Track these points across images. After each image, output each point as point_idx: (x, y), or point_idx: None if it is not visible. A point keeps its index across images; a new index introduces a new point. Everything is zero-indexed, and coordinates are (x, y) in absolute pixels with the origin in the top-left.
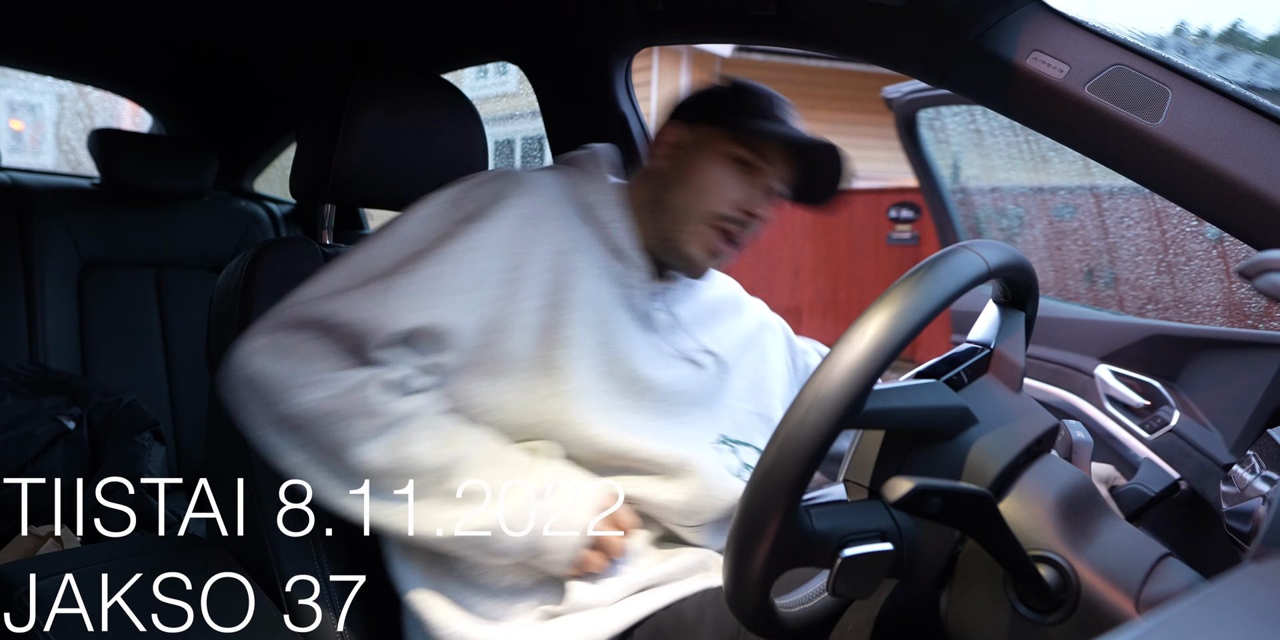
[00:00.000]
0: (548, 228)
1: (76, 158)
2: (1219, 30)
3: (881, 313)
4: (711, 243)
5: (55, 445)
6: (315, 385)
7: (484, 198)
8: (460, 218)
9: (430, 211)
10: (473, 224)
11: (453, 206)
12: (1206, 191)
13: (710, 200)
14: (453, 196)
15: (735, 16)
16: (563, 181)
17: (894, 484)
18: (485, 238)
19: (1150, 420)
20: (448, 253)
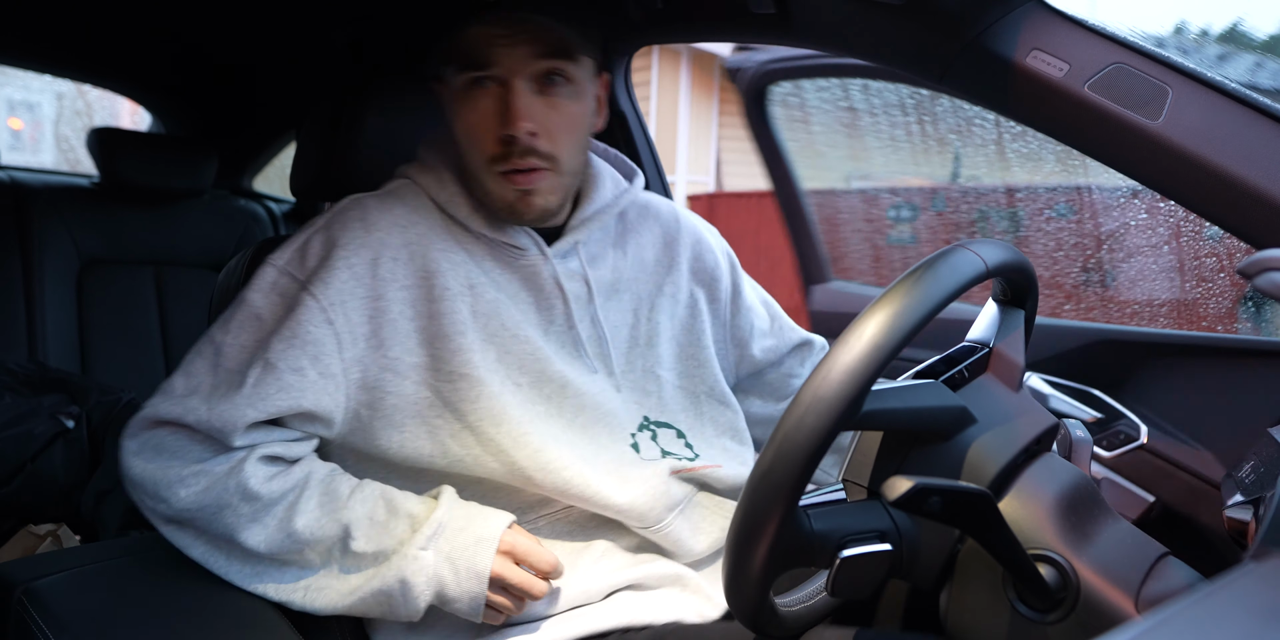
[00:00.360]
0: (391, 265)
1: (75, 156)
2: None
3: (879, 313)
4: (507, 186)
5: (54, 444)
6: (189, 478)
7: (318, 254)
8: (302, 282)
9: (272, 279)
10: (315, 287)
11: (296, 267)
12: (1206, 190)
13: (473, 147)
14: (292, 257)
15: (735, 15)
16: (408, 195)
17: (893, 483)
18: (330, 299)
19: (1107, 436)
20: (295, 328)
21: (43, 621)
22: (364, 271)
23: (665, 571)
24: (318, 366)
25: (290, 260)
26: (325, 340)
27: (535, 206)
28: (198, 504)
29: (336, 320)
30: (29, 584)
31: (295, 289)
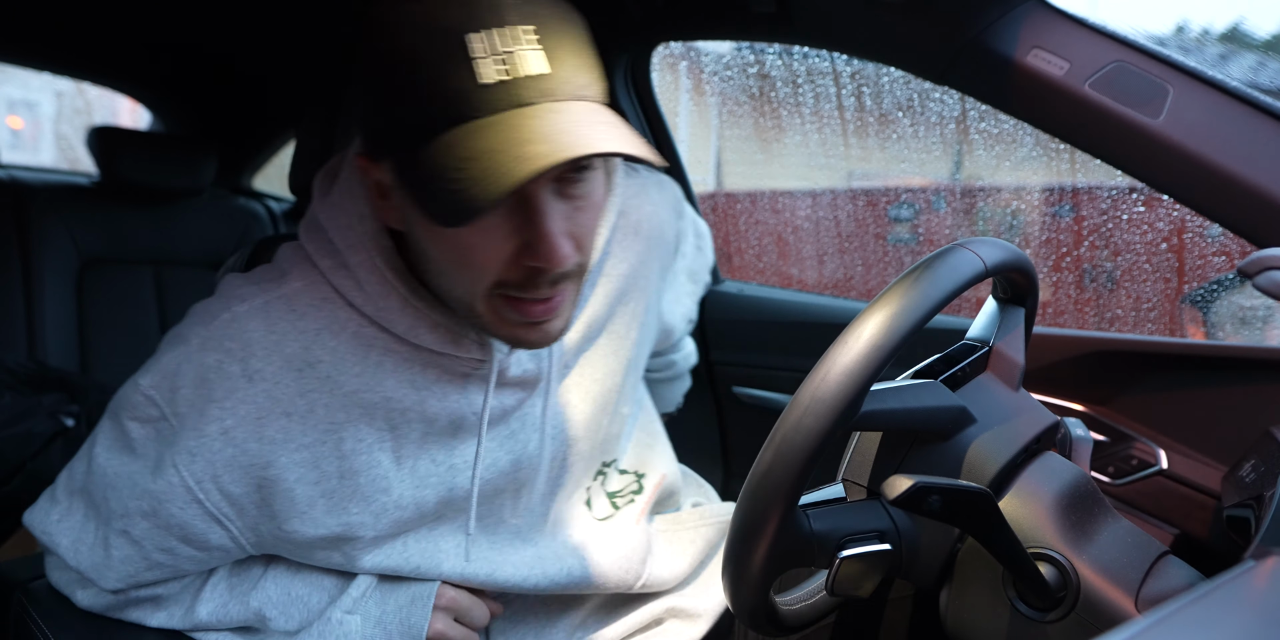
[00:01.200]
0: (284, 421)
1: (75, 155)
2: (1220, 29)
3: (878, 313)
4: (517, 315)
5: (54, 443)
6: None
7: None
8: (169, 437)
9: (142, 410)
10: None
11: (166, 401)
12: (1206, 189)
13: (471, 277)
14: (159, 383)
15: (736, 14)
16: (312, 301)
17: (893, 482)
18: (198, 475)
19: (1113, 461)
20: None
21: (42, 621)
22: (245, 435)
23: (654, 613)
24: (193, 544)
25: (158, 386)
26: (195, 521)
27: (553, 334)
28: (100, 605)
29: (207, 500)
30: (29, 583)
31: (157, 445)
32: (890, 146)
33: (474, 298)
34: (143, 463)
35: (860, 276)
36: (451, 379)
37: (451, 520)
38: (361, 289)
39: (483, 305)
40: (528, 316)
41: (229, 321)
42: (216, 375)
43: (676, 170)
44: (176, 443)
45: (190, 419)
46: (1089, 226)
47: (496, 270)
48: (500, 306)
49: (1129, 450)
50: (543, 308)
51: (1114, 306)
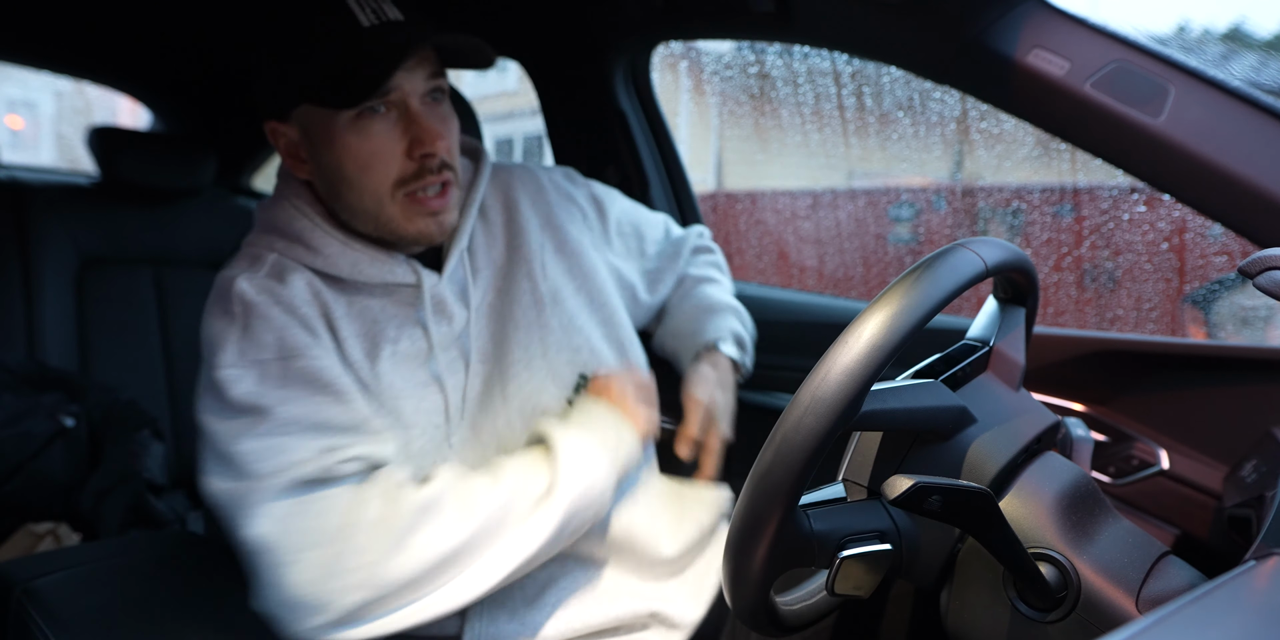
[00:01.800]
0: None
1: (75, 155)
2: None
3: (878, 313)
4: (419, 211)
5: (54, 443)
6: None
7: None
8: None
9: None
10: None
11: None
12: (1207, 188)
13: (376, 178)
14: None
15: (736, 13)
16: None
17: (893, 482)
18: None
19: (1114, 461)
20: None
21: (42, 620)
22: (311, 341)
23: (636, 610)
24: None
25: (246, 352)
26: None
27: (446, 225)
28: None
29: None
30: (29, 583)
31: (283, 366)
32: (890, 146)
33: (382, 201)
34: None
35: (860, 276)
36: (398, 305)
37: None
38: (310, 248)
39: (391, 207)
40: (428, 207)
41: (248, 285)
42: (271, 310)
43: (677, 170)
44: (296, 354)
45: (290, 344)
46: (1089, 226)
47: (396, 167)
48: (405, 205)
49: (1129, 450)
50: (438, 201)
51: (1114, 306)
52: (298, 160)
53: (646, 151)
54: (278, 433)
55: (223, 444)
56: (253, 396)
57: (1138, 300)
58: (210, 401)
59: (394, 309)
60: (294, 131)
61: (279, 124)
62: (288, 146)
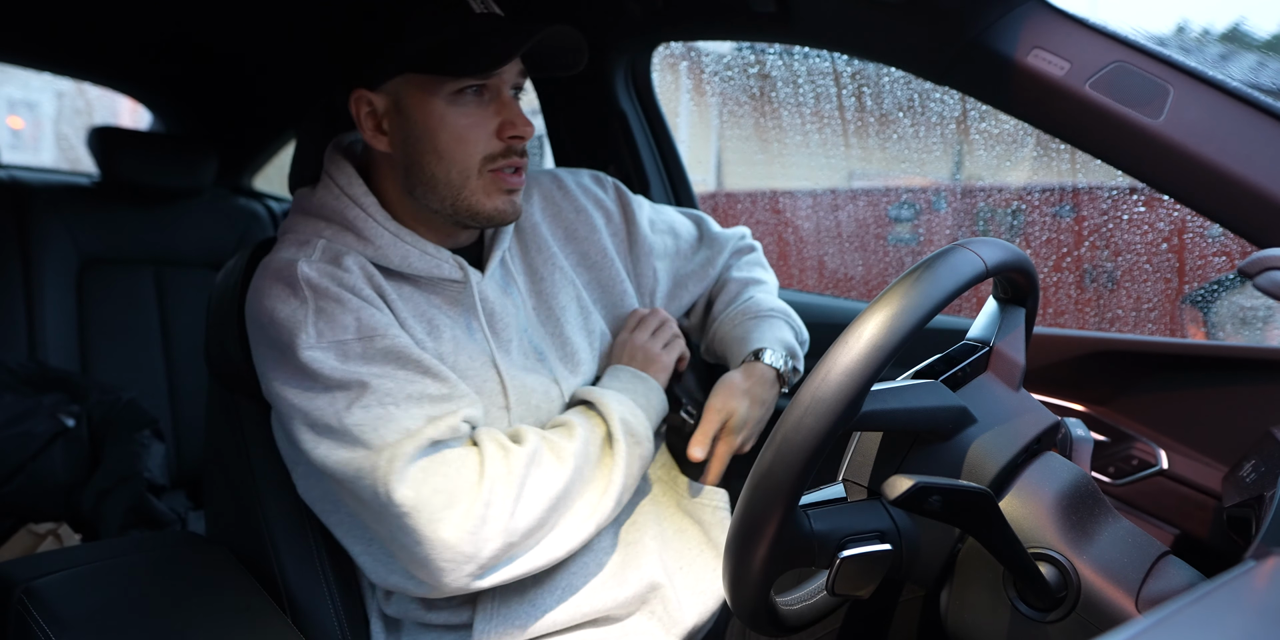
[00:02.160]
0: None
1: (75, 155)
2: (1221, 29)
3: (878, 314)
4: (499, 187)
5: (55, 443)
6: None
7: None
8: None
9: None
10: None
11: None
12: (1207, 189)
13: (468, 151)
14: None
15: (736, 14)
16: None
17: (894, 482)
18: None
19: (1113, 461)
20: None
21: (43, 620)
22: (388, 319)
23: (639, 588)
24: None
25: (324, 333)
26: (427, 355)
27: (518, 206)
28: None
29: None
30: (29, 583)
31: (364, 348)
32: (891, 146)
33: (469, 174)
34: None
35: (861, 276)
36: (449, 304)
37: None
38: (361, 236)
39: (476, 181)
40: (506, 184)
41: (308, 268)
42: (340, 291)
43: (677, 170)
44: (377, 334)
45: (368, 324)
46: (1089, 226)
47: (485, 144)
48: (489, 180)
49: (1129, 450)
50: (516, 179)
51: (1114, 307)
52: (378, 131)
53: (647, 152)
54: (382, 403)
55: (329, 417)
56: (344, 373)
57: (1137, 300)
58: (297, 381)
59: (441, 302)
60: (384, 101)
61: (368, 92)
62: (371, 116)
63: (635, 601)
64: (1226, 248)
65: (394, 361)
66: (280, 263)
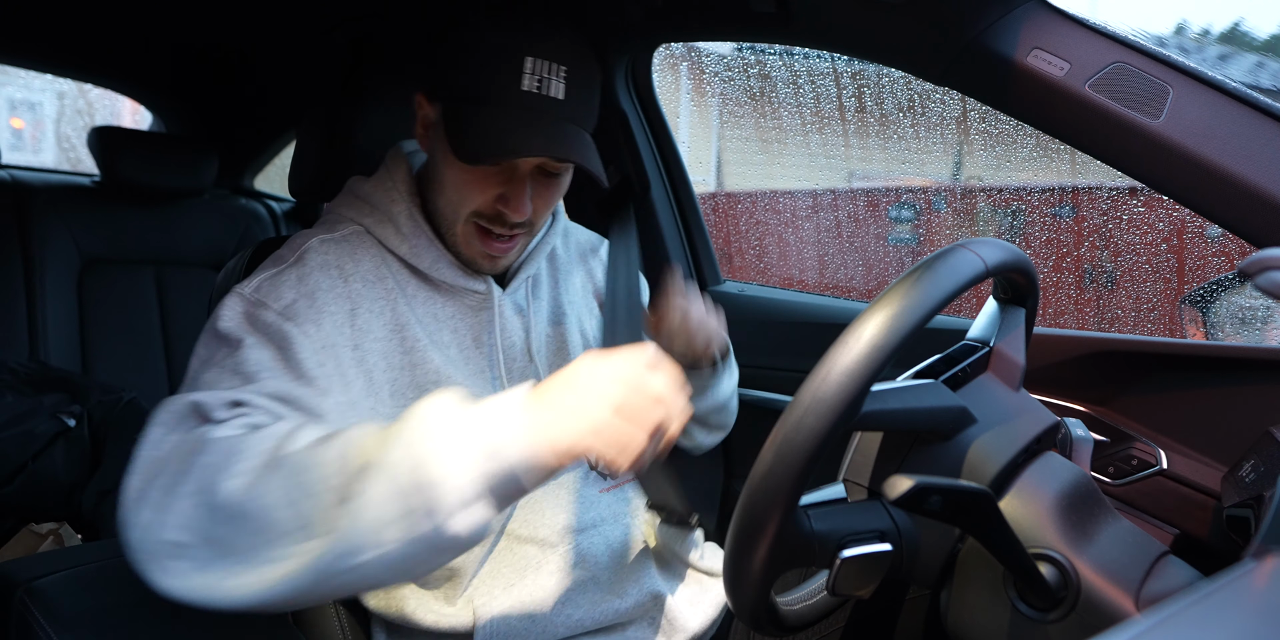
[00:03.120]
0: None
1: (77, 155)
2: (1220, 29)
3: (878, 314)
4: (479, 244)
5: (56, 443)
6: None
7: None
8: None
9: (243, 310)
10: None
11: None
12: (1207, 189)
13: (460, 200)
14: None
15: (736, 14)
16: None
17: (894, 482)
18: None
19: (1113, 461)
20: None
21: (44, 620)
22: (344, 321)
23: (640, 597)
24: (329, 399)
25: (260, 289)
26: (325, 377)
27: (499, 266)
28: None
29: (327, 363)
30: (31, 583)
31: (276, 319)
32: (891, 147)
33: (456, 219)
34: (261, 338)
35: (861, 277)
36: (463, 312)
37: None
38: (399, 232)
39: (460, 227)
40: (488, 247)
41: (319, 243)
42: (320, 274)
43: (677, 170)
44: (300, 323)
45: (309, 309)
46: (1089, 226)
47: (477, 202)
48: (470, 233)
49: (1129, 450)
50: (500, 246)
51: (1114, 307)
52: (425, 133)
53: (647, 152)
54: (235, 371)
55: (194, 366)
56: (234, 330)
57: (1137, 300)
58: (218, 317)
59: (457, 311)
60: (434, 113)
61: (425, 99)
62: (424, 120)
63: (636, 611)
64: (1226, 248)
65: (280, 361)
66: (304, 236)
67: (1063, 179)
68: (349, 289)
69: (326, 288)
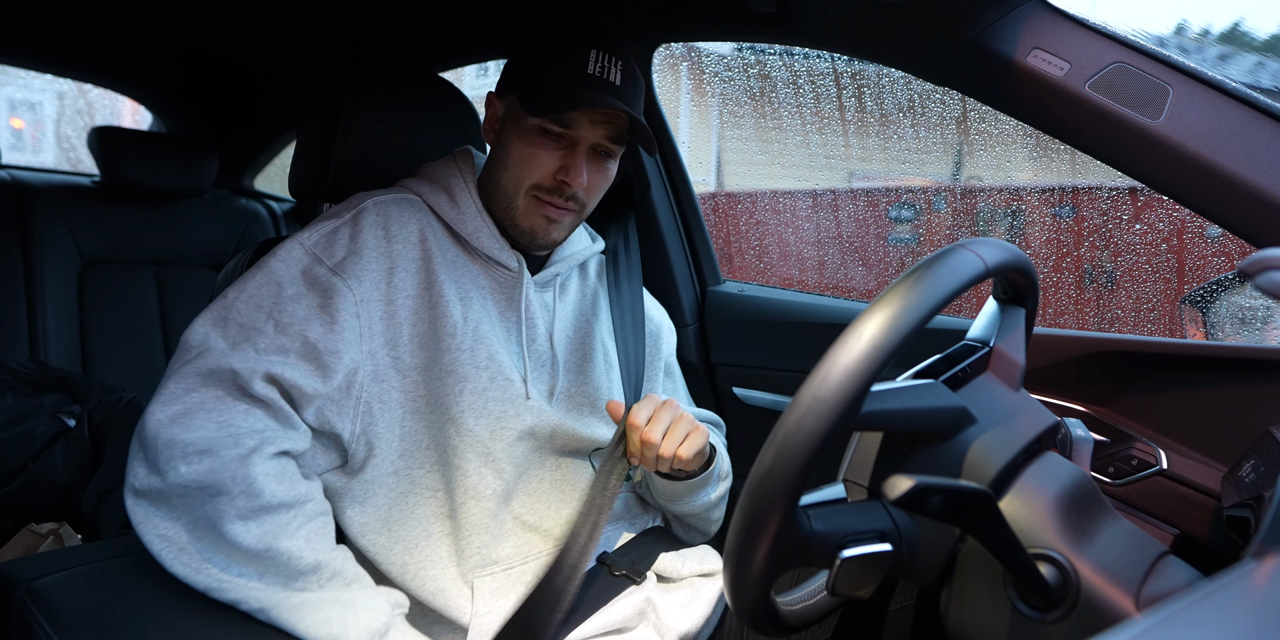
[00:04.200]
0: (403, 275)
1: (77, 156)
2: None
3: (878, 314)
4: (538, 213)
5: (56, 443)
6: (194, 457)
7: (345, 248)
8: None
9: (299, 256)
10: (350, 280)
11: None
12: (1206, 189)
13: (524, 173)
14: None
15: (736, 14)
16: (418, 210)
17: (894, 482)
18: (361, 295)
19: (1113, 461)
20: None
21: (44, 620)
22: (382, 278)
23: (636, 603)
24: (349, 351)
25: (318, 244)
26: (353, 329)
27: (552, 236)
28: (197, 483)
29: (362, 315)
30: (31, 583)
31: (327, 274)
32: (891, 147)
33: (518, 191)
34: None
35: (860, 277)
36: (493, 285)
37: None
38: (452, 200)
39: (521, 199)
40: (546, 212)
41: (373, 204)
42: (369, 234)
43: (678, 170)
44: (345, 277)
45: (354, 265)
46: (1089, 226)
47: (538, 175)
48: (531, 203)
49: (1129, 450)
50: (557, 209)
51: (1114, 307)
52: (491, 128)
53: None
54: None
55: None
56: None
57: (1137, 300)
58: (276, 256)
59: (487, 283)
60: (501, 107)
61: (495, 97)
62: (492, 115)
63: (636, 618)
64: (1226, 248)
65: (320, 309)
66: (362, 196)
67: (1063, 179)
68: (390, 249)
69: (372, 247)
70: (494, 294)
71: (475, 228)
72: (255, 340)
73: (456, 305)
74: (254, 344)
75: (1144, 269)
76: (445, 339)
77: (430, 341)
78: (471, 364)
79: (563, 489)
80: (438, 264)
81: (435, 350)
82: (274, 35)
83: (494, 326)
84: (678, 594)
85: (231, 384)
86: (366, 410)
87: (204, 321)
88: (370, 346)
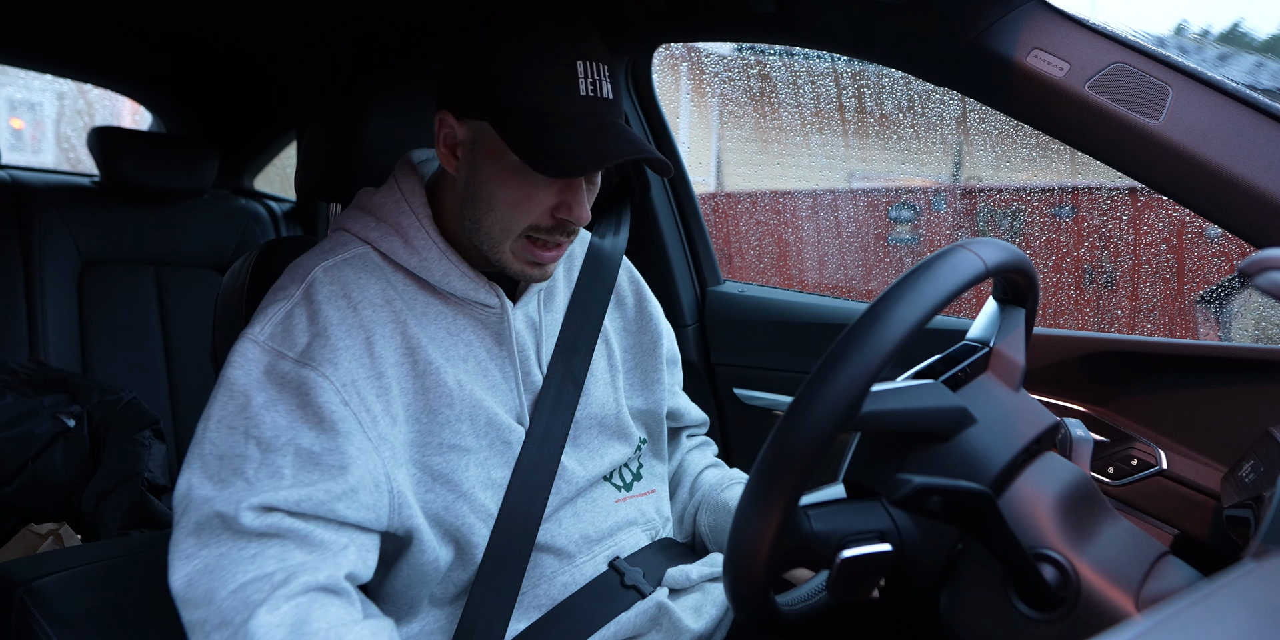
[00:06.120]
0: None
1: (76, 156)
2: (1220, 29)
3: (878, 314)
4: (530, 256)
5: (55, 443)
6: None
7: (308, 332)
8: (299, 361)
9: (256, 357)
10: (323, 368)
11: (284, 345)
12: (1206, 189)
13: (516, 217)
14: (275, 333)
15: (736, 15)
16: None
17: (894, 482)
18: (342, 380)
19: (1113, 461)
20: (319, 412)
21: (44, 620)
22: (361, 352)
23: (645, 610)
24: (352, 444)
25: (274, 336)
26: (347, 419)
27: (545, 274)
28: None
29: (351, 402)
30: (31, 583)
31: (294, 368)
32: (891, 147)
33: (508, 235)
34: (274, 404)
35: (860, 277)
36: (475, 326)
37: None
38: (408, 244)
39: (512, 243)
40: (538, 258)
41: (322, 272)
42: (329, 308)
43: (677, 170)
44: (317, 365)
45: (324, 349)
46: (1089, 227)
47: (535, 215)
48: (522, 247)
49: (1129, 450)
50: (550, 254)
51: (1114, 307)
52: (452, 155)
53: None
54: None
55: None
56: (249, 385)
57: (1137, 301)
58: (231, 366)
59: (468, 324)
60: (465, 133)
61: (452, 118)
62: (448, 139)
63: (647, 624)
64: (1226, 248)
65: (301, 409)
66: (306, 263)
67: (1063, 179)
68: (359, 318)
69: (338, 321)
70: (479, 334)
71: (443, 272)
72: (243, 470)
73: (446, 369)
74: (243, 475)
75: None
76: (443, 411)
77: (423, 414)
78: (473, 434)
79: (580, 513)
80: (413, 327)
81: (431, 424)
82: (274, 35)
83: (487, 371)
84: (689, 599)
85: (225, 530)
86: (401, 499)
87: (185, 472)
88: (375, 432)
